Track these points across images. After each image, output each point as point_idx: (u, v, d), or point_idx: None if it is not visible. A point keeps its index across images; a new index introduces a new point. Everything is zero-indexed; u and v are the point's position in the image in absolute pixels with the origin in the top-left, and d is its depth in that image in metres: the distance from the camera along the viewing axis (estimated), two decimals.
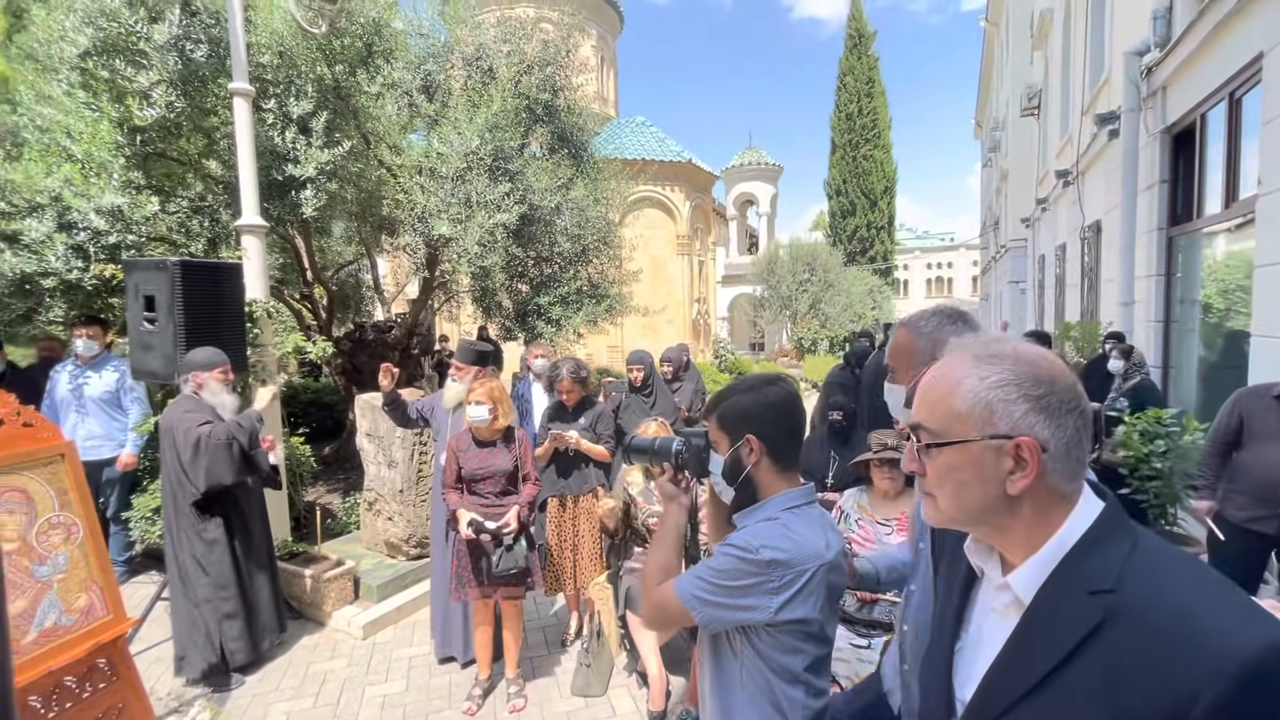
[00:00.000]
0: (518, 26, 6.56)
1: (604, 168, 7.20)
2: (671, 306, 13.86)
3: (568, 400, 3.65)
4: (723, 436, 1.39)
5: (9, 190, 4.56)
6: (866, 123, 29.64)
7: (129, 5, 4.85)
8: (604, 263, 6.89)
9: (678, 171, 14.20)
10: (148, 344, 3.90)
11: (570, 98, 6.67)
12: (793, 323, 21.14)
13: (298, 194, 5.29)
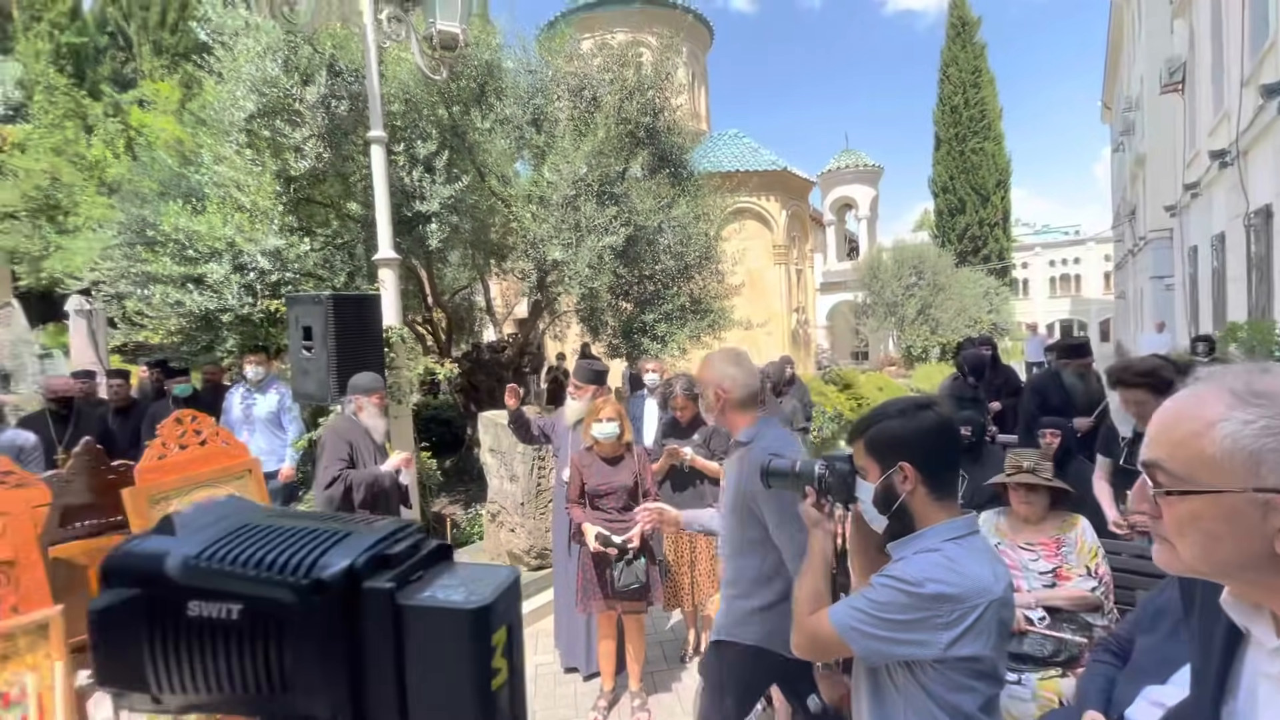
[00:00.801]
0: (618, 54, 6.80)
1: (702, 184, 7.26)
2: (770, 318, 13.65)
3: (681, 417, 3.70)
4: (872, 463, 1.35)
5: (195, 240, 5.31)
6: (974, 114, 27.80)
7: (286, 72, 5.52)
8: (706, 278, 6.93)
9: (773, 180, 14.02)
10: (306, 369, 4.37)
11: (670, 118, 6.80)
12: (899, 330, 20.09)
13: (424, 227, 5.76)
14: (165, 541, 0.37)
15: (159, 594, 0.35)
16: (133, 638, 0.36)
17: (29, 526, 2.24)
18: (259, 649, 0.35)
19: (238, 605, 0.35)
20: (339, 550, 0.36)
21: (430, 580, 0.38)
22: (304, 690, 0.35)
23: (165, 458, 2.67)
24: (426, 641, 0.35)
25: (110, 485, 2.90)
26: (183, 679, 0.35)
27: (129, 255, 5.97)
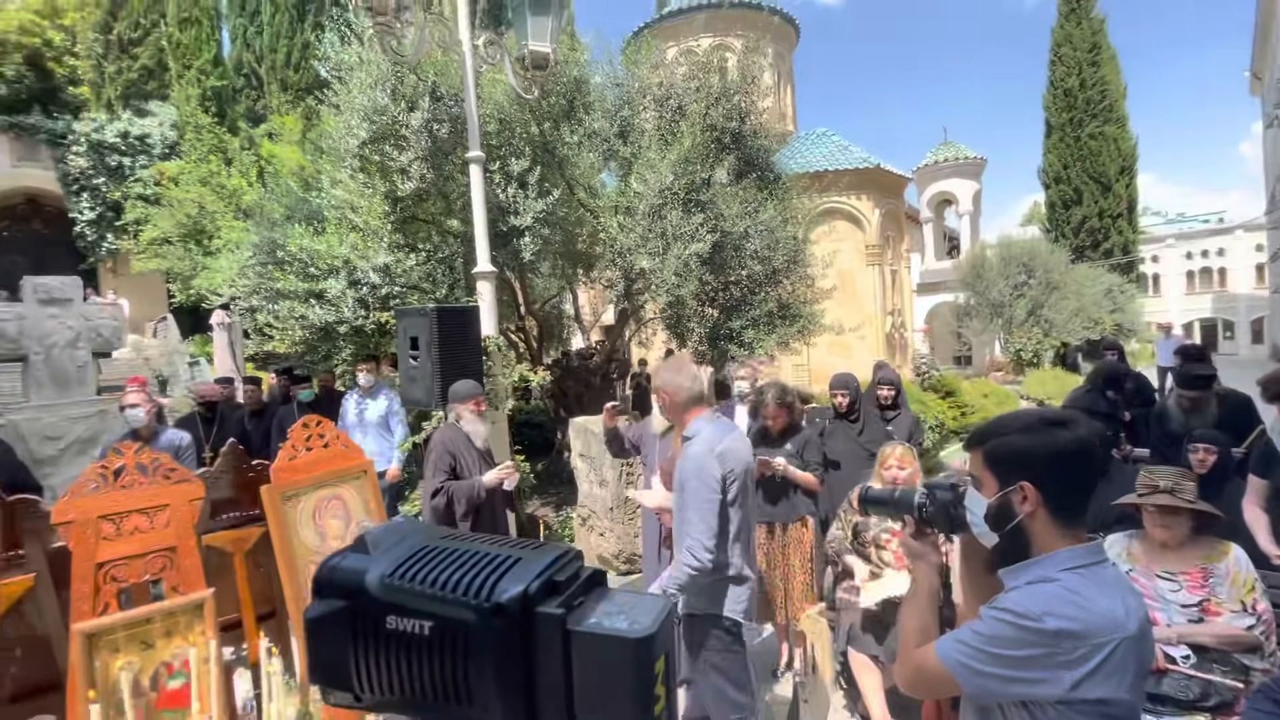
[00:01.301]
0: (703, 61, 6.81)
1: (790, 186, 7.11)
2: (863, 321, 13.11)
3: (773, 425, 3.63)
4: (989, 476, 1.26)
5: (316, 258, 5.82)
6: (1092, 96, 25.43)
7: (393, 100, 5.94)
8: (794, 282, 6.77)
9: (865, 179, 13.48)
10: (413, 376, 4.67)
11: (755, 121, 6.72)
12: (1006, 333, 18.69)
13: (518, 241, 6.00)
14: (363, 559, 0.41)
15: (362, 607, 0.40)
16: (340, 643, 0.40)
17: (187, 517, 2.53)
18: (446, 663, 0.38)
19: (429, 623, 0.38)
20: (512, 576, 0.39)
21: (593, 607, 0.40)
22: (483, 704, 0.38)
23: (295, 459, 2.93)
24: (593, 666, 0.37)
25: (250, 482, 3.22)
26: (380, 682, 0.40)
27: (261, 273, 6.64)
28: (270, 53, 18.89)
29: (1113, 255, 24.87)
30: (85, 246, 17.49)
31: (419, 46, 5.25)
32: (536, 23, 5.66)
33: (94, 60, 18.59)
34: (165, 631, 2.37)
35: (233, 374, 10.08)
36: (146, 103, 17.97)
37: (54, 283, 5.62)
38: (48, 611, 2.59)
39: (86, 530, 2.27)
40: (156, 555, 2.44)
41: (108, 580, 2.31)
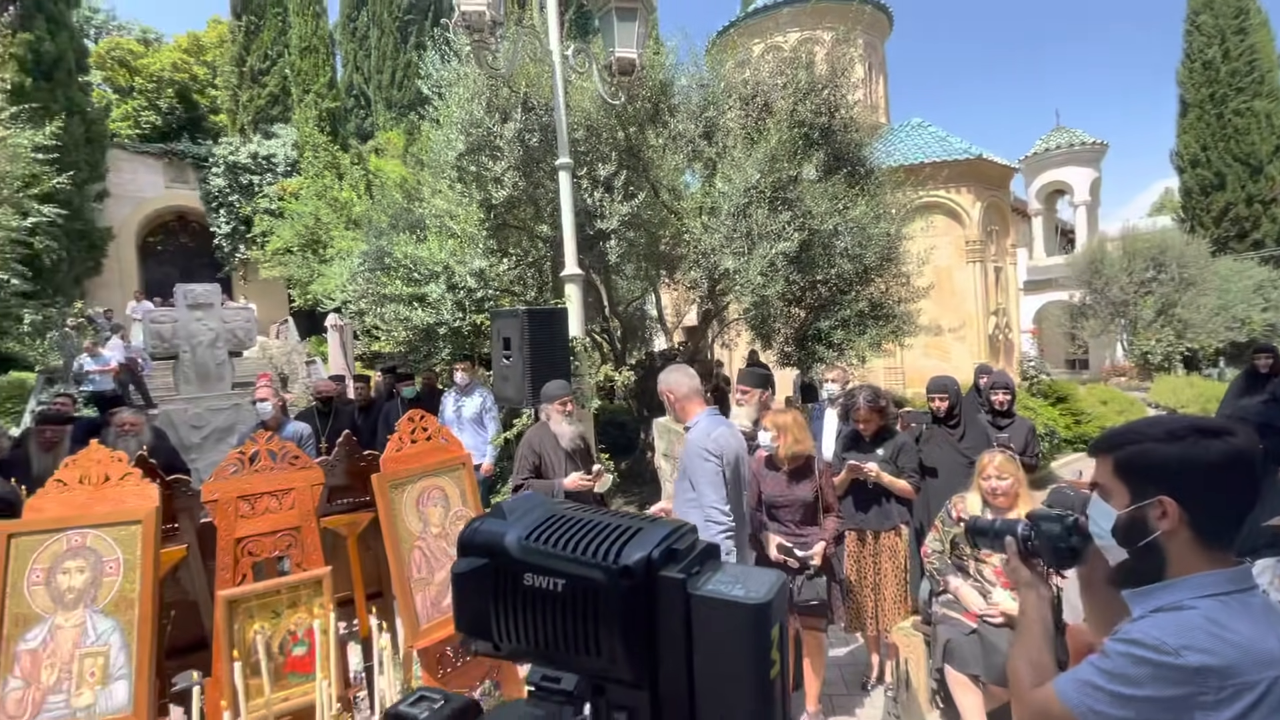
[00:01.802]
0: (790, 57, 6.67)
1: (883, 180, 6.82)
2: (964, 321, 12.35)
3: (865, 430, 3.50)
4: (1120, 487, 1.15)
5: (419, 264, 6.21)
6: (1238, 67, 22.56)
7: (488, 112, 6.24)
8: (888, 280, 6.49)
9: (965, 170, 12.69)
10: (505, 375, 4.89)
11: (846, 115, 6.51)
12: (1131, 334, 16.98)
13: (604, 244, 6.13)
14: (501, 524, 0.46)
15: (502, 565, 0.44)
16: (482, 597, 0.44)
17: (309, 500, 2.77)
18: (577, 617, 0.42)
19: (562, 580, 0.42)
20: (636, 543, 0.42)
21: (709, 575, 0.42)
22: (610, 656, 0.41)
23: (401, 450, 3.14)
24: (713, 629, 0.39)
25: (362, 471, 3.48)
26: (518, 632, 0.44)
27: (369, 279, 7.17)
28: (377, 73, 20.38)
29: (1263, 246, 21.96)
30: (222, 257, 19.56)
31: (512, 59, 5.50)
32: (623, 29, 5.77)
33: (230, 90, 20.81)
34: (290, 603, 2.61)
35: (344, 372, 10.95)
36: (272, 126, 19.88)
37: (199, 289, 6.34)
38: (197, 578, 2.93)
39: (228, 508, 2.54)
40: (284, 534, 2.69)
41: (244, 554, 2.57)
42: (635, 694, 0.42)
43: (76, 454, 2.38)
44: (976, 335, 12.84)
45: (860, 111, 7.20)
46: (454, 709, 0.41)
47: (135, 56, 23.66)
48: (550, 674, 0.45)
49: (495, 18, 4.95)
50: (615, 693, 0.42)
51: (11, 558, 2.18)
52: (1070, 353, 21.60)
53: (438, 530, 3.27)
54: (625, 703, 0.42)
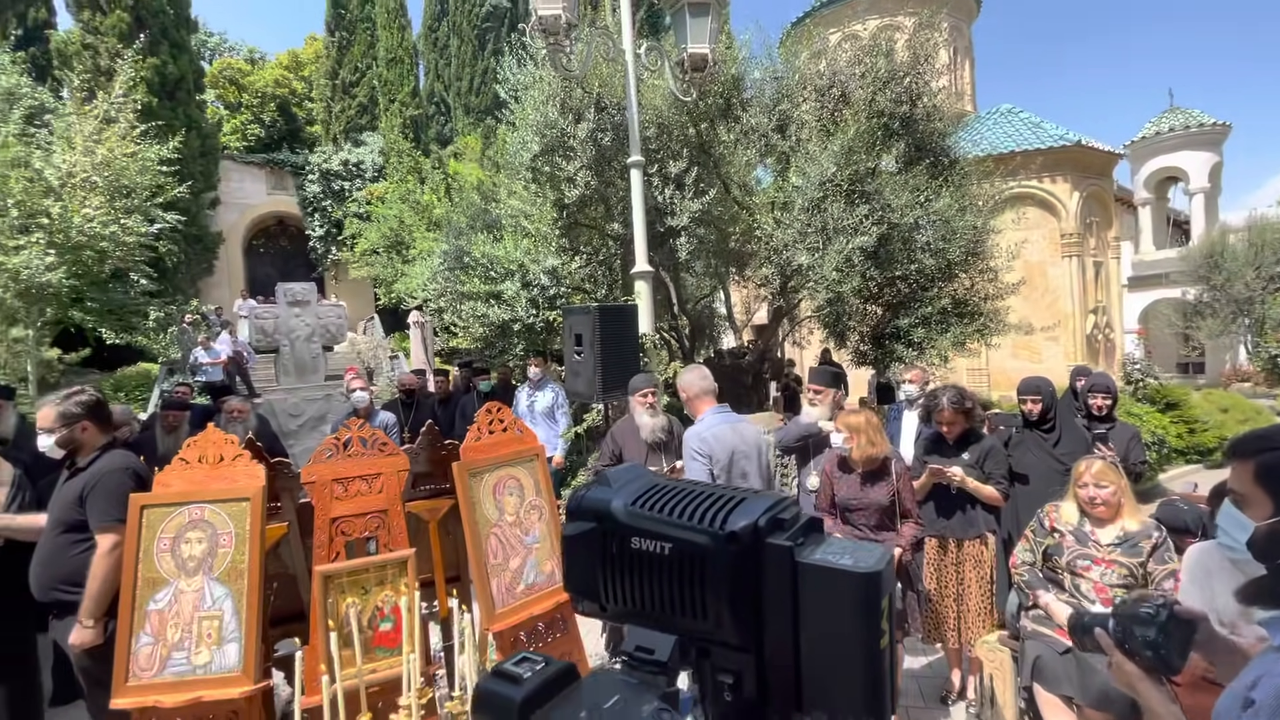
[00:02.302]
0: (868, 45, 6.44)
1: (969, 171, 6.47)
2: (1058, 320, 11.54)
3: (948, 432, 3.33)
4: (1261, 495, 1.04)
5: (495, 263, 6.43)
6: None
7: (562, 114, 6.38)
8: (973, 276, 6.15)
9: (1061, 158, 11.85)
10: (577, 371, 4.98)
11: (929, 104, 6.21)
12: (1257, 334, 15.31)
13: (674, 241, 6.14)
14: (606, 491, 0.48)
15: (609, 529, 0.46)
16: (590, 559, 0.46)
17: (395, 485, 2.92)
18: (684, 580, 0.43)
19: (669, 544, 0.43)
20: (741, 511, 0.43)
21: (815, 545, 0.42)
22: (715, 619, 0.41)
23: (480, 440, 3.26)
24: (823, 597, 0.39)
25: (443, 459, 3.64)
26: (624, 594, 0.45)
27: (448, 278, 7.49)
28: (456, 80, 21.23)
29: None
30: (316, 258, 20.96)
31: (586, 60, 5.60)
32: (696, 25, 5.76)
33: (324, 102, 22.25)
34: (378, 581, 2.77)
35: (425, 367, 11.48)
36: (361, 134, 21.11)
37: (298, 288, 6.82)
38: (296, 554, 3.15)
39: (324, 490, 2.72)
40: (373, 515, 2.86)
41: (338, 533, 2.75)
42: (740, 657, 0.42)
43: (196, 436, 2.62)
44: (1072, 335, 11.96)
45: (944, 99, 6.85)
46: (555, 671, 0.43)
47: (243, 75, 25.72)
48: (644, 645, 0.46)
49: (570, 20, 5.06)
50: (720, 656, 0.43)
51: (144, 526, 2.42)
52: (1183, 355, 19.71)
53: (512, 518, 3.37)
54: (730, 665, 0.43)
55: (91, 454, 2.67)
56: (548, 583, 3.38)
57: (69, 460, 2.68)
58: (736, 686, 0.43)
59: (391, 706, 2.49)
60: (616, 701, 0.41)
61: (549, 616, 3.30)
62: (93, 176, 9.46)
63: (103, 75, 13.15)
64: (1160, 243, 20.64)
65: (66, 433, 2.64)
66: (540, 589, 3.33)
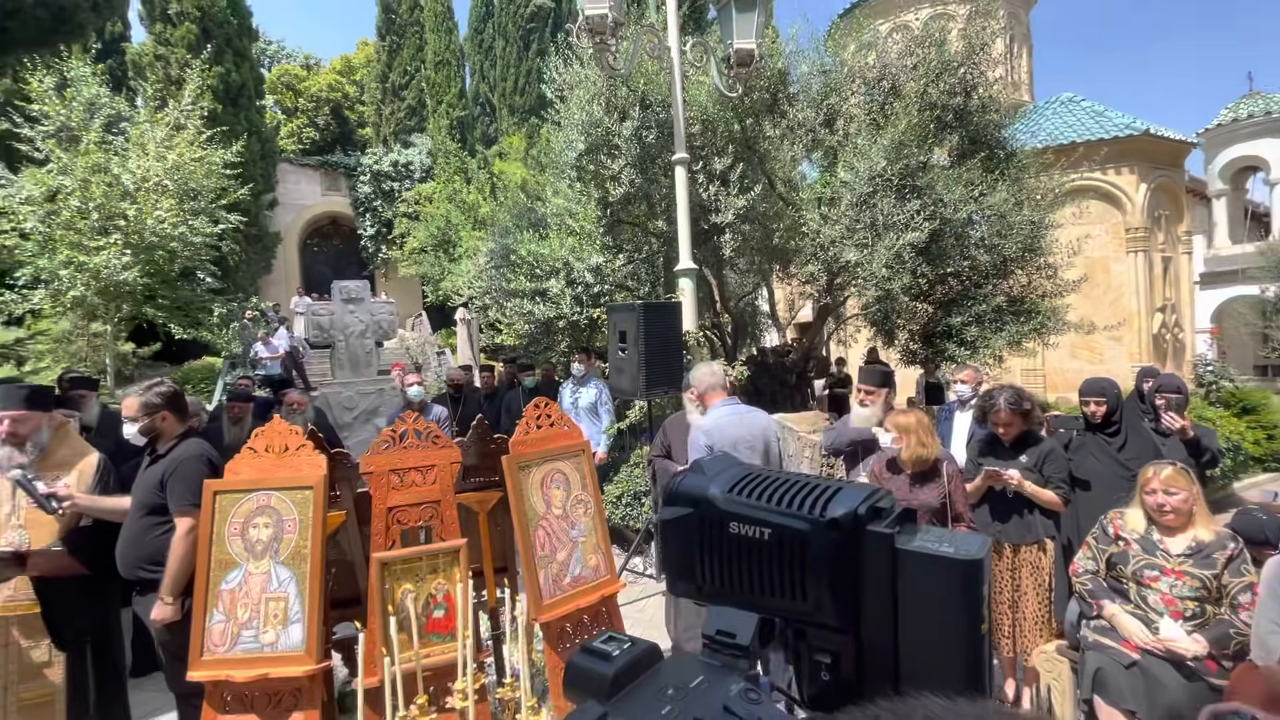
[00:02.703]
0: (920, 35, 6.27)
1: (1027, 163, 6.22)
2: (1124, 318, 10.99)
3: (1005, 434, 3.22)
4: None
5: (540, 261, 6.53)
6: None
7: (607, 112, 6.42)
8: (1030, 273, 5.91)
9: (1126, 149, 11.26)
10: (620, 368, 5.02)
11: (984, 95, 6.00)
12: None
13: (718, 238, 6.11)
14: (700, 479, 0.50)
15: (707, 514, 0.47)
16: (687, 542, 0.48)
17: (449, 476, 3.01)
18: (784, 564, 0.44)
19: (768, 530, 0.44)
20: (840, 499, 0.44)
21: (914, 533, 0.43)
22: (815, 602, 0.43)
23: (528, 434, 3.32)
24: (924, 583, 0.40)
25: (492, 452, 3.72)
26: (721, 576, 0.47)
27: (494, 276, 7.64)
28: (501, 81, 21.59)
29: None
30: (367, 257, 21.66)
31: (632, 59, 5.62)
32: (742, 20, 5.71)
33: (375, 105, 22.95)
34: (431, 569, 2.86)
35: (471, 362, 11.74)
36: (410, 136, 21.69)
37: (352, 285, 7.07)
38: (353, 541, 3.28)
39: (381, 480, 2.82)
40: (426, 506, 2.95)
41: (394, 522, 2.85)
42: (838, 638, 0.43)
43: (264, 426, 2.75)
44: (1137, 335, 11.38)
45: (1000, 90, 6.61)
46: (641, 650, 0.45)
47: (299, 80, 26.76)
48: (725, 629, 0.47)
49: (617, 19, 5.09)
50: (817, 637, 0.44)
51: (216, 511, 2.56)
52: (1262, 356, 18.47)
53: (559, 512, 3.43)
54: (828, 646, 0.44)
55: (170, 441, 2.84)
56: (593, 576, 3.42)
57: (150, 447, 2.85)
58: (834, 666, 0.44)
59: (444, 691, 2.57)
60: (700, 682, 0.42)
61: (594, 610, 3.35)
62: (164, 180, 10.01)
63: (173, 84, 13.89)
64: (1237, 236, 19.41)
65: (148, 421, 2.80)
66: (586, 582, 3.37)
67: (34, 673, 2.55)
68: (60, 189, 9.27)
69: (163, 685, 3.14)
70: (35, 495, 2.46)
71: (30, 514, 2.56)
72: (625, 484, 5.58)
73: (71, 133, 10.02)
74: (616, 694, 0.41)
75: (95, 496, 2.72)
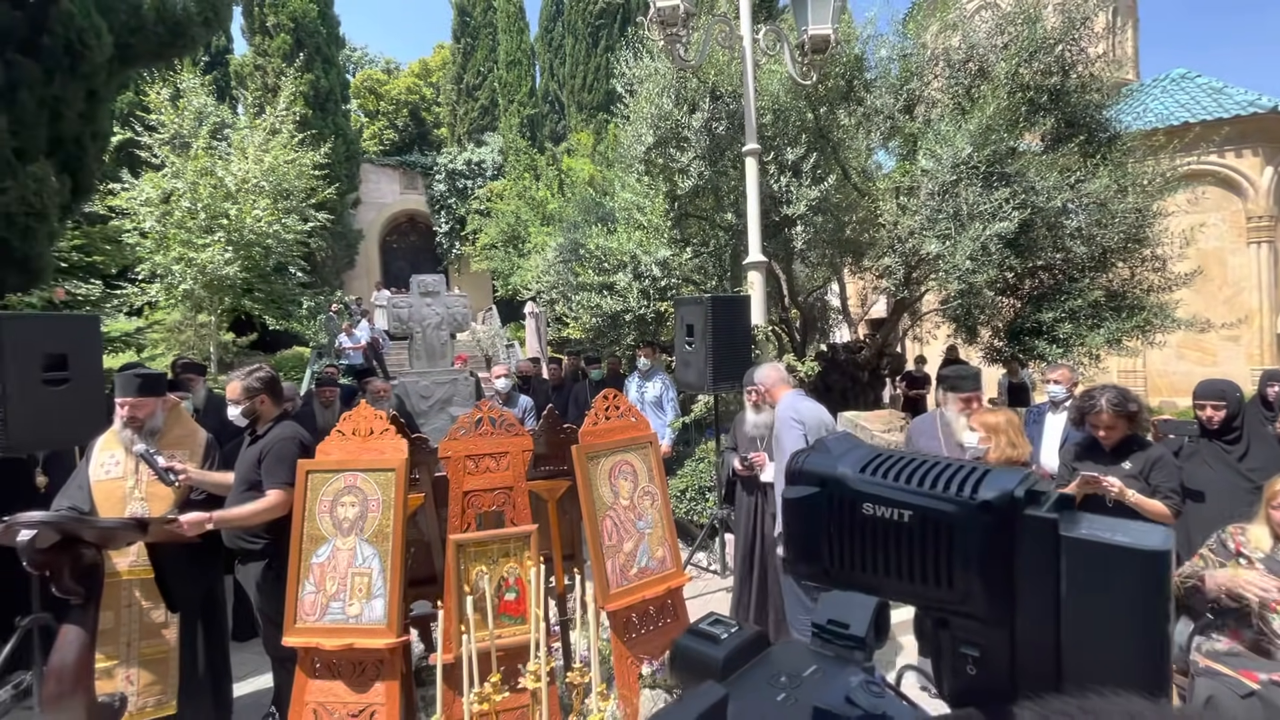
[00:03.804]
0: (1010, 12, 5.87)
1: (1132, 146, 5.73)
2: (1245, 315, 9.98)
3: (1106, 438, 2.98)
4: None
5: (608, 255, 6.58)
6: None
7: (677, 105, 6.38)
8: (1134, 265, 5.45)
9: (1249, 128, 10.18)
10: (687, 361, 4.99)
11: (1084, 74, 5.57)
12: None
13: (789, 230, 5.96)
14: (828, 458, 0.48)
15: (836, 494, 0.45)
16: (814, 522, 0.46)
17: (521, 464, 3.08)
18: (927, 549, 0.42)
19: (909, 512, 0.42)
20: (992, 481, 0.41)
21: (1075, 520, 0.39)
22: (962, 590, 0.40)
23: (598, 425, 3.35)
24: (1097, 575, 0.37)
25: (561, 442, 3.78)
26: (852, 559, 0.45)
27: (562, 271, 7.76)
28: (570, 79, 21.89)
29: None
30: (441, 253, 22.52)
31: (703, 50, 5.55)
32: (817, 6, 5.53)
33: (450, 106, 23.79)
34: (503, 553, 2.93)
35: (539, 355, 12.01)
36: (483, 135, 22.36)
37: (430, 279, 7.37)
38: (430, 523, 3.41)
39: (458, 465, 2.92)
40: (500, 491, 3.03)
41: (469, 505, 2.94)
42: (988, 631, 0.40)
43: (351, 411, 2.90)
44: (1258, 334, 10.32)
45: (1101, 67, 6.11)
46: (750, 635, 0.43)
47: (380, 84, 28.08)
48: (837, 619, 0.45)
49: (689, 9, 5.04)
50: (962, 627, 0.41)
51: (308, 489, 2.72)
52: None
53: (627, 502, 3.45)
54: (975, 638, 0.41)
55: (268, 424, 3.04)
56: (659, 568, 3.43)
57: (250, 428, 3.07)
58: (982, 660, 0.41)
59: (514, 672, 2.63)
60: (814, 671, 0.40)
61: (660, 602, 3.35)
62: (261, 182, 10.75)
63: (269, 91, 14.88)
64: None
65: (249, 404, 3.01)
66: (652, 574, 3.38)
67: (153, 631, 2.79)
68: (174, 191, 10.13)
69: (259, 649, 3.38)
70: (156, 468, 2.69)
71: (151, 487, 2.80)
72: (690, 478, 5.55)
73: (183, 139, 10.92)
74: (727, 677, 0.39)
75: (205, 472, 2.94)
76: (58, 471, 3.44)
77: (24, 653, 3.21)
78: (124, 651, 2.73)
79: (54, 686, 2.15)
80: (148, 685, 2.75)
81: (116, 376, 3.01)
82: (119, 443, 2.86)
